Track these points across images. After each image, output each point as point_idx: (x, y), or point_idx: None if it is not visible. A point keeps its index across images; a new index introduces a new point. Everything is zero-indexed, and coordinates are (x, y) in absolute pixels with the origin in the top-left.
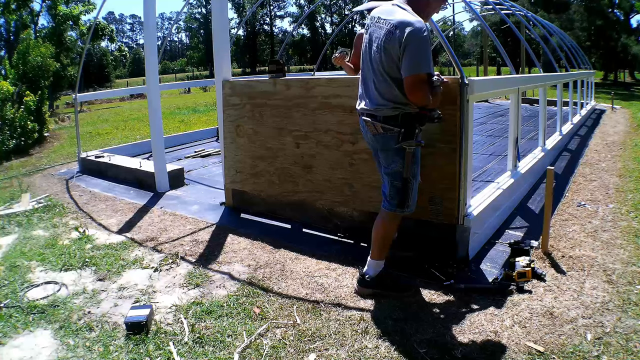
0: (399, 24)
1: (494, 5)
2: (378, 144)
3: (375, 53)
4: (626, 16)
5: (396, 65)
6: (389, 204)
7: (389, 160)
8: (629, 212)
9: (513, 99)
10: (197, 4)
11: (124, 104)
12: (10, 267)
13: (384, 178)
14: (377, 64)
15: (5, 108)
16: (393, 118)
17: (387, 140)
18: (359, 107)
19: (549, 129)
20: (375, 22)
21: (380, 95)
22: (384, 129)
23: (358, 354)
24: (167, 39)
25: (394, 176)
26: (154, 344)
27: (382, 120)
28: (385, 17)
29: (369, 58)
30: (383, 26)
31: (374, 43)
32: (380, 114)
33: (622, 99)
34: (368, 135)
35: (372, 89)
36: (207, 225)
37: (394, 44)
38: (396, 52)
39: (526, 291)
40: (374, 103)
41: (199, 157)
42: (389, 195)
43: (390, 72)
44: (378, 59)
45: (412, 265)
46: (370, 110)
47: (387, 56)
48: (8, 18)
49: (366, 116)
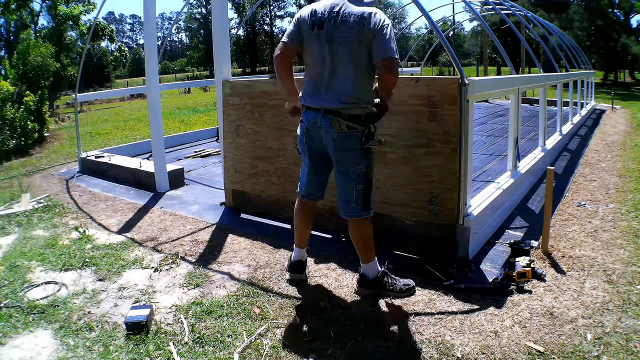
0: (367, 15)
1: (494, 5)
2: (339, 143)
3: (347, 49)
4: (626, 16)
5: (368, 54)
6: (356, 210)
7: (351, 161)
8: (629, 212)
9: (513, 99)
10: (197, 4)
11: (124, 104)
12: (10, 267)
13: (341, 183)
14: (350, 61)
15: (5, 108)
16: (358, 117)
17: (350, 141)
18: (316, 105)
19: (549, 129)
20: (331, 17)
21: (351, 94)
22: (349, 128)
23: (358, 354)
24: (167, 39)
25: (358, 178)
26: (154, 344)
27: (347, 119)
28: (347, 10)
29: (332, 54)
30: (347, 18)
31: (342, 39)
32: (346, 112)
33: (622, 99)
34: (326, 134)
35: (342, 86)
36: (207, 225)
37: (367, 33)
38: (367, 41)
39: (526, 291)
40: (341, 101)
41: (199, 157)
42: (353, 201)
43: (363, 64)
44: (352, 54)
45: (412, 265)
46: (335, 108)
47: (362, 48)
48: (8, 18)
49: (328, 113)
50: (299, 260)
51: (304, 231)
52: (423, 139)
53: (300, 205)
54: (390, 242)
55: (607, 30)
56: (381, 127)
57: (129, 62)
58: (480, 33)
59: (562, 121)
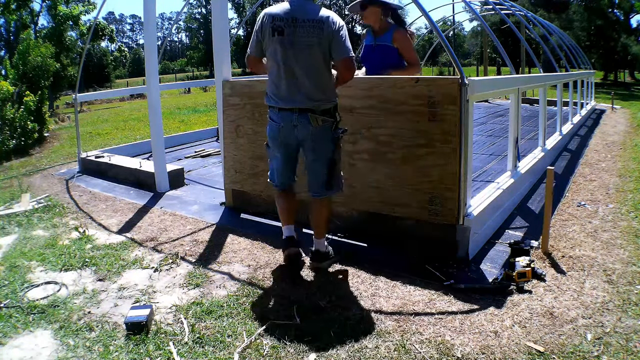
0: (325, 18)
1: (494, 5)
2: (315, 136)
3: (308, 51)
4: (626, 16)
5: (329, 55)
6: (326, 189)
7: (323, 148)
8: (629, 212)
9: (513, 99)
10: (197, 4)
11: (124, 104)
12: (10, 267)
13: (313, 168)
14: (313, 62)
15: (5, 108)
16: (328, 111)
17: (325, 132)
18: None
19: (549, 129)
20: (290, 23)
21: (320, 92)
22: (323, 121)
23: (358, 354)
24: (167, 39)
25: (328, 163)
26: (154, 344)
27: (321, 114)
28: (305, 16)
29: (295, 57)
30: (305, 23)
31: (303, 42)
32: (318, 108)
33: (622, 99)
34: (303, 130)
35: (309, 86)
36: (207, 225)
37: (326, 36)
38: (327, 42)
39: (526, 291)
40: (313, 100)
41: (199, 157)
42: (326, 183)
43: (325, 64)
44: (313, 56)
45: (412, 265)
46: (309, 107)
47: (322, 50)
48: (8, 18)
49: (304, 111)
50: (291, 236)
51: (291, 213)
52: (423, 139)
53: (281, 196)
54: (390, 242)
55: (607, 30)
56: (381, 127)
57: (129, 62)
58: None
59: (562, 121)
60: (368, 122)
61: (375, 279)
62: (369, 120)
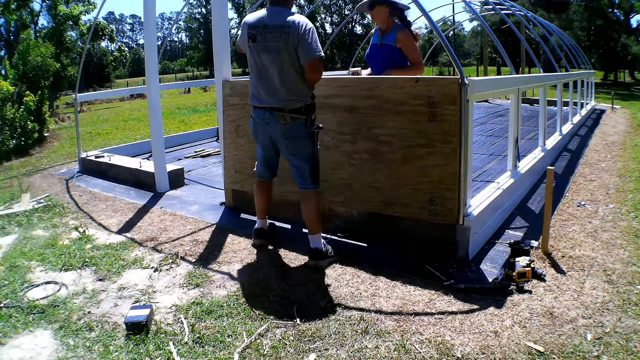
0: (290, 23)
1: (494, 5)
2: (286, 133)
3: (276, 56)
4: (626, 16)
5: (296, 56)
6: (310, 184)
7: (300, 145)
8: (629, 212)
9: (513, 99)
10: (197, 4)
11: (124, 104)
12: (10, 267)
13: (295, 165)
14: (281, 66)
15: (5, 108)
16: (298, 109)
17: (296, 129)
18: (262, 105)
19: (549, 129)
20: (262, 30)
21: (289, 93)
22: (292, 119)
23: (358, 354)
24: (167, 39)
25: (307, 158)
26: (154, 344)
27: (290, 112)
28: (273, 22)
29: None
30: (274, 29)
31: (272, 48)
32: (288, 107)
33: (622, 99)
34: (274, 128)
35: (279, 87)
36: (207, 225)
37: (292, 40)
38: (293, 46)
39: (526, 291)
40: (282, 100)
41: (199, 157)
42: (308, 177)
43: (293, 67)
44: (281, 60)
45: (412, 265)
46: (279, 105)
47: (289, 53)
48: (8, 18)
49: (274, 110)
50: (260, 228)
51: (263, 205)
52: (423, 139)
53: (258, 184)
54: (390, 242)
55: (607, 30)
56: (381, 127)
57: (129, 62)
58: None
59: (562, 121)
60: (368, 122)
61: (375, 279)
62: (369, 120)
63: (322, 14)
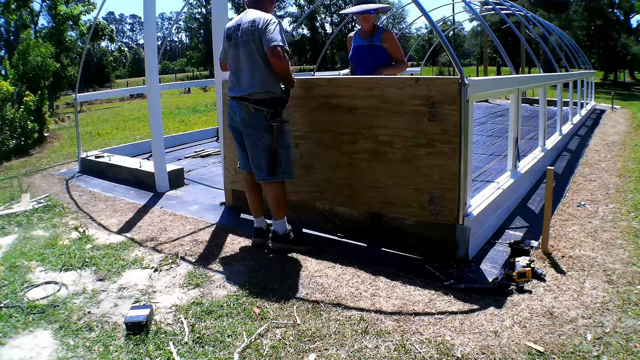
0: (256, 19)
1: (494, 5)
2: (247, 122)
3: (245, 49)
4: (626, 16)
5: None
6: (267, 175)
7: (257, 136)
8: (629, 212)
9: (513, 99)
10: (197, 4)
11: (124, 104)
12: (10, 267)
13: (254, 155)
14: (249, 57)
15: (5, 108)
16: (263, 101)
17: (257, 119)
18: (232, 95)
19: (549, 129)
20: (235, 30)
21: (254, 83)
22: (255, 110)
23: (358, 354)
24: (167, 39)
25: (265, 149)
26: (154, 344)
27: (254, 103)
28: (243, 22)
29: (238, 55)
30: (244, 27)
31: (241, 42)
32: (252, 97)
33: (622, 99)
34: (238, 116)
35: (247, 78)
36: (207, 225)
37: (256, 33)
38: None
39: (526, 291)
40: (247, 90)
41: (199, 157)
42: (265, 168)
43: (259, 58)
44: (249, 52)
45: (412, 265)
46: (244, 95)
47: (255, 45)
48: (8, 18)
49: (240, 100)
50: (259, 227)
51: (256, 202)
52: (423, 139)
53: (244, 179)
54: (390, 242)
55: (607, 30)
56: (381, 127)
57: (129, 62)
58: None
59: (562, 121)
60: (368, 122)
61: (375, 279)
62: (369, 120)
63: (322, 14)
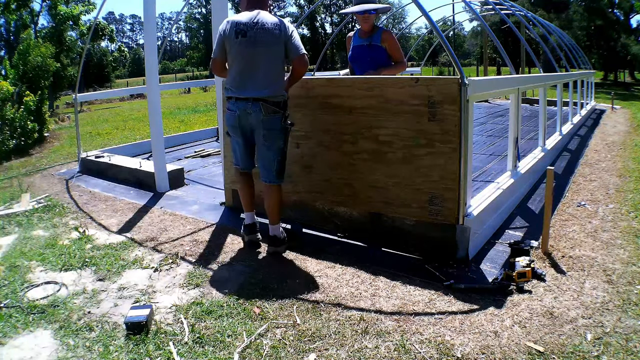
0: (280, 22)
1: (494, 5)
2: (266, 124)
3: (266, 49)
4: (626, 16)
5: (283, 53)
6: (275, 177)
7: (273, 138)
8: (629, 212)
9: (513, 99)
10: (197, 4)
11: (124, 104)
12: (10, 267)
13: (265, 156)
14: (271, 58)
15: (5, 108)
16: (278, 103)
17: (274, 121)
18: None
19: (549, 129)
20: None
21: (272, 85)
22: (273, 112)
23: (358, 354)
24: (167, 39)
25: (278, 152)
26: (154, 344)
27: (272, 105)
28: (262, 21)
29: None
30: (268, 27)
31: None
32: (270, 99)
33: (622, 99)
34: (254, 117)
35: (263, 78)
36: (207, 225)
37: (282, 37)
38: (283, 43)
39: (526, 291)
40: (263, 90)
41: (199, 157)
42: (274, 171)
43: (281, 61)
44: (272, 53)
45: (412, 265)
46: (262, 97)
47: (279, 48)
48: (8, 18)
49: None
50: (252, 223)
51: (249, 198)
52: (423, 139)
53: (241, 177)
54: (390, 242)
55: (607, 30)
56: (381, 127)
57: (129, 62)
58: (480, 33)
59: (562, 121)
60: (368, 122)
61: (375, 279)
62: (369, 120)
63: (322, 14)
